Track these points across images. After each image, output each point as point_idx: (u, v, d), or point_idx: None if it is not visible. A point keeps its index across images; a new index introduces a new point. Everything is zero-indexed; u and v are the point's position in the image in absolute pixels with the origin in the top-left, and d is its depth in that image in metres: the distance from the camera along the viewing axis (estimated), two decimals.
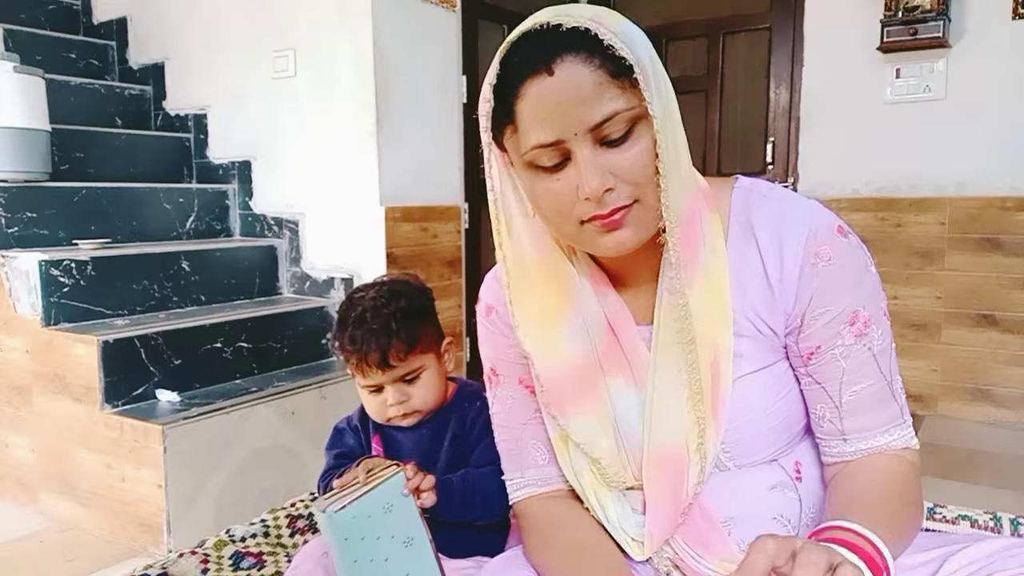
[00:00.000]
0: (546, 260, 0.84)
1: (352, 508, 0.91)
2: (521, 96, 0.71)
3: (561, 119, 0.70)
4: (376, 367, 1.03)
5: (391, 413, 1.07)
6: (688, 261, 0.78)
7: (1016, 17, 2.87)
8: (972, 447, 2.78)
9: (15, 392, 2.35)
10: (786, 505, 0.83)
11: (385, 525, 0.94)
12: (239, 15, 2.97)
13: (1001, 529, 1.18)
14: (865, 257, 0.81)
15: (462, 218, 3.13)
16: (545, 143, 0.71)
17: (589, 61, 0.69)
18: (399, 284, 1.12)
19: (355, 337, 1.04)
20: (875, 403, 0.80)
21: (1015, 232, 2.92)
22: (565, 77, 0.69)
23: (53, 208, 2.47)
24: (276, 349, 2.57)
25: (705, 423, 0.79)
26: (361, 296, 1.08)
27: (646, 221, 0.74)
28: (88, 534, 2.17)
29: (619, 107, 0.70)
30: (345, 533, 0.91)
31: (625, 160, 0.71)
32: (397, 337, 1.03)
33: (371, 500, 0.93)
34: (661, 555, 0.85)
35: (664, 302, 0.81)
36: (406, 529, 0.95)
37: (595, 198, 0.71)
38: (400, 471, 0.95)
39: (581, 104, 0.69)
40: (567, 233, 0.77)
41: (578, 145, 0.71)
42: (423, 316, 1.08)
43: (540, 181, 0.74)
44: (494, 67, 0.74)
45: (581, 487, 0.87)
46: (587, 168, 0.70)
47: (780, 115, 3.47)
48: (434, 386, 1.08)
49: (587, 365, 0.84)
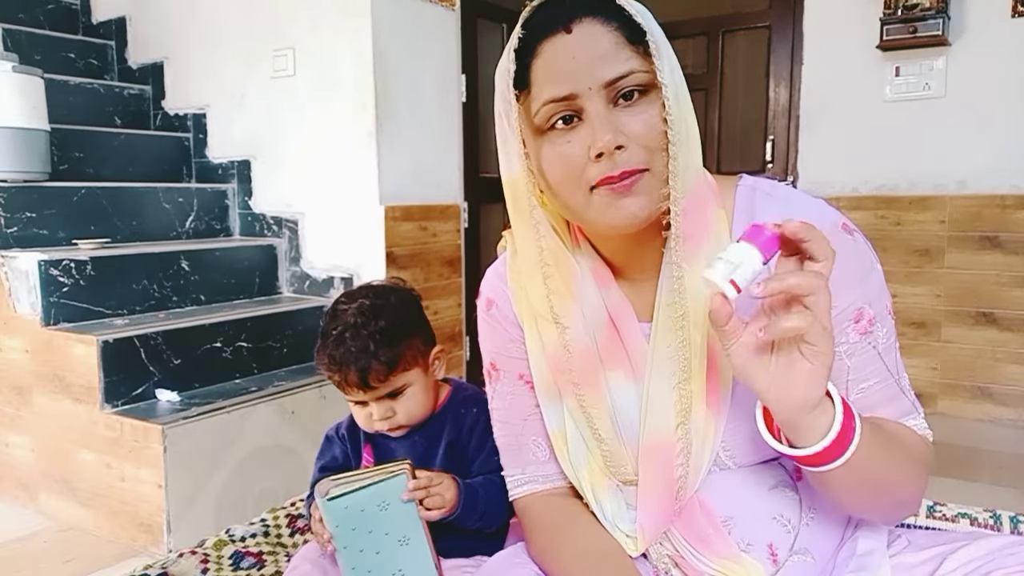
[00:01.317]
0: (551, 247, 0.83)
1: (346, 499, 0.95)
2: (538, 55, 0.73)
3: (576, 73, 0.71)
4: (357, 387, 1.02)
5: (377, 427, 1.06)
6: (689, 236, 0.77)
7: (1015, 15, 2.87)
8: (972, 445, 2.78)
9: (15, 392, 2.35)
10: (786, 505, 0.83)
11: (378, 521, 0.95)
12: (238, 14, 2.97)
13: (1001, 527, 1.18)
14: (870, 255, 0.81)
15: (461, 217, 3.12)
16: (558, 97, 0.72)
17: (607, 23, 0.71)
18: (383, 295, 1.08)
19: (335, 357, 1.02)
20: (883, 400, 0.79)
21: (1015, 230, 2.92)
22: (583, 35, 0.71)
23: (52, 208, 2.47)
24: (276, 349, 2.56)
25: (691, 401, 0.79)
26: (343, 309, 1.05)
27: (655, 191, 0.73)
28: (88, 534, 2.17)
29: (634, 67, 0.71)
30: (336, 521, 0.95)
31: (637, 122, 0.72)
32: (376, 359, 1.00)
33: (367, 495, 0.95)
34: (660, 553, 0.84)
35: (664, 287, 0.80)
36: (402, 528, 0.96)
37: (608, 153, 0.70)
38: (402, 474, 0.95)
39: (598, 59, 0.71)
40: (576, 203, 0.75)
41: (591, 101, 0.71)
42: (407, 331, 1.05)
43: (550, 145, 0.74)
44: (516, 32, 0.75)
45: (579, 482, 0.87)
46: (600, 123, 0.71)
47: (780, 113, 3.47)
48: (420, 400, 1.06)
49: (586, 358, 0.84)
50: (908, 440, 0.79)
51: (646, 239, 0.79)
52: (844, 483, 0.71)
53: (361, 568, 0.97)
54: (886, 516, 0.82)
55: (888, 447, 0.73)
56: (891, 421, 0.79)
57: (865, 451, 0.68)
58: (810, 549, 0.82)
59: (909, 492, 0.79)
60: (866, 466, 0.69)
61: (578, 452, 0.86)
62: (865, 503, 0.77)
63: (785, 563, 0.81)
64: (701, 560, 0.81)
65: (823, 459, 0.67)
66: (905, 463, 0.76)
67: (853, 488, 0.73)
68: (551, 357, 0.86)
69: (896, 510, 0.81)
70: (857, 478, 0.70)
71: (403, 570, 0.97)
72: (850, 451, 0.67)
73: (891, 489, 0.76)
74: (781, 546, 0.81)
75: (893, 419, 0.80)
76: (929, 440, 0.82)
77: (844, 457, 0.67)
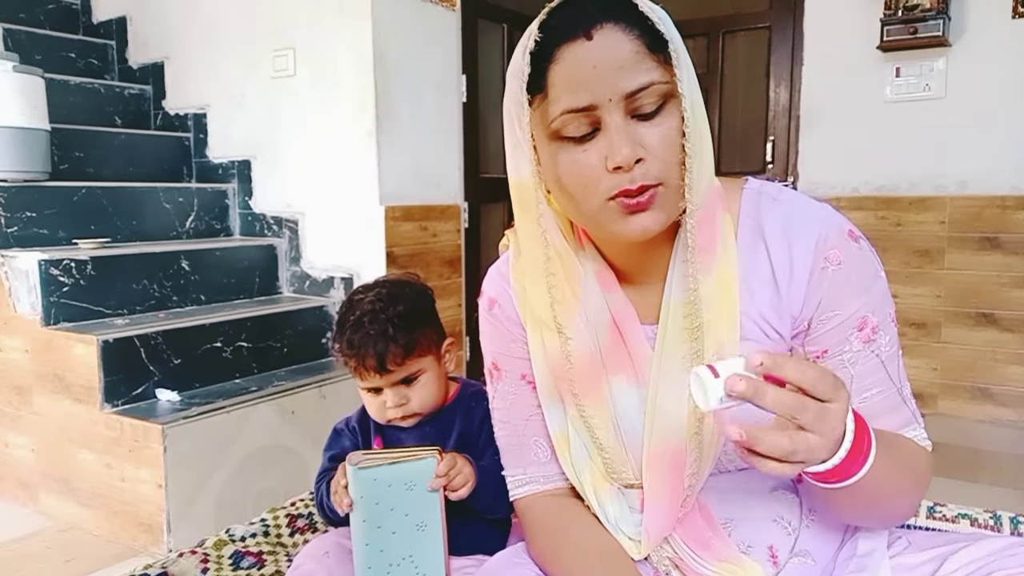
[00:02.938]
0: (556, 249, 0.83)
1: (376, 471, 0.97)
2: (556, 60, 0.71)
3: (597, 84, 0.69)
4: (374, 371, 1.04)
5: (391, 415, 1.07)
6: (704, 248, 0.76)
7: (1016, 16, 2.87)
8: (972, 445, 2.78)
9: (15, 392, 2.35)
10: (787, 507, 0.83)
11: (401, 500, 0.97)
12: (239, 14, 2.97)
13: (1001, 528, 1.18)
14: (875, 262, 0.79)
15: (462, 217, 3.12)
16: (576, 108, 0.70)
17: (628, 31, 0.69)
18: (399, 286, 1.11)
19: (352, 341, 1.04)
20: (885, 410, 0.79)
21: (1015, 231, 2.92)
22: (604, 43, 0.69)
23: (53, 208, 2.47)
24: (276, 348, 2.56)
25: (703, 413, 0.78)
26: (360, 299, 1.08)
27: (670, 205, 0.73)
28: (88, 534, 2.17)
29: (655, 78, 0.69)
30: (361, 491, 0.97)
31: (656, 135, 0.70)
32: (394, 342, 1.03)
33: (396, 471, 0.97)
34: (660, 555, 0.84)
35: (674, 293, 0.80)
36: (422, 513, 0.97)
37: (627, 167, 0.69)
38: (431, 458, 0.97)
39: (618, 70, 0.69)
40: (589, 211, 0.73)
41: (610, 113, 0.69)
42: (422, 319, 1.08)
43: (565, 153, 0.72)
44: (532, 33, 0.73)
45: (581, 485, 0.87)
46: (619, 136, 0.69)
47: (780, 114, 3.47)
48: (433, 388, 1.08)
49: (589, 362, 0.83)
50: (912, 453, 0.78)
51: (654, 245, 0.78)
52: (852, 498, 0.70)
53: (374, 545, 0.98)
54: (883, 525, 0.83)
55: (895, 462, 0.73)
56: (894, 433, 0.78)
57: (878, 467, 0.66)
58: (810, 551, 0.82)
59: (907, 505, 0.79)
60: (877, 482, 0.68)
61: (580, 455, 0.86)
62: (866, 515, 0.78)
63: (785, 565, 0.81)
64: (701, 563, 0.81)
65: (835, 476, 0.64)
66: (908, 477, 0.76)
67: (858, 502, 0.72)
68: (552, 364, 0.85)
69: (892, 521, 0.81)
70: (866, 493, 0.69)
71: (414, 556, 0.98)
72: (865, 468, 0.65)
73: (892, 503, 0.76)
74: (781, 548, 0.81)
75: (894, 429, 0.79)
76: (928, 451, 0.81)
77: (859, 474, 0.65)
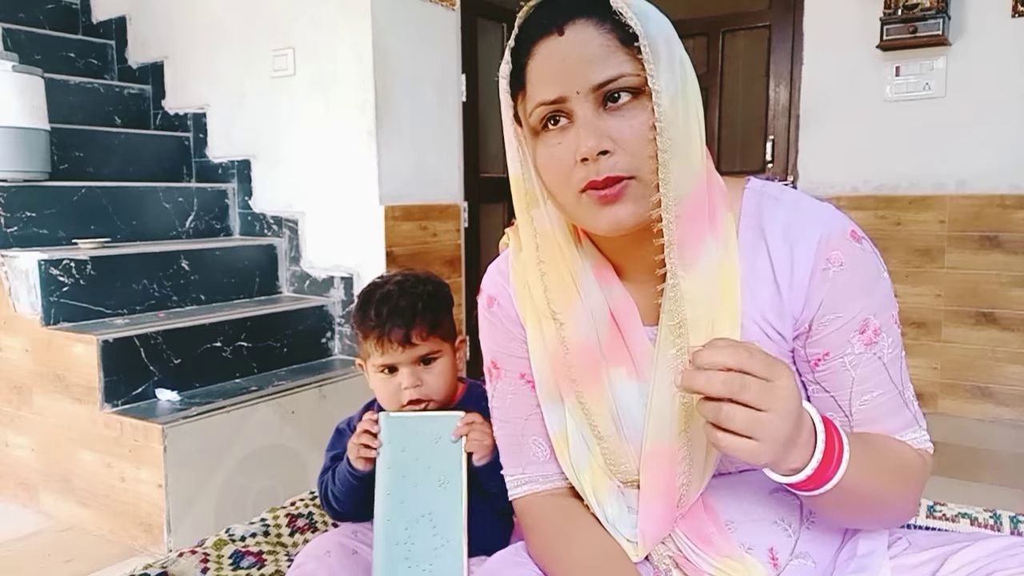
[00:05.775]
0: (558, 241, 0.84)
1: (405, 417, 1.03)
2: (532, 55, 0.74)
3: (565, 76, 0.71)
4: (398, 344, 1.06)
5: (404, 397, 1.08)
6: (685, 244, 0.76)
7: (1016, 15, 2.87)
8: (972, 445, 2.78)
9: (15, 392, 2.35)
10: (787, 509, 0.83)
11: (426, 452, 1.01)
12: (238, 14, 2.97)
13: (1001, 527, 1.18)
14: (878, 263, 0.79)
15: (462, 217, 3.12)
16: (547, 100, 0.72)
17: (599, 25, 0.71)
18: (423, 273, 1.17)
19: (381, 312, 1.07)
20: (886, 412, 0.79)
21: (1015, 230, 2.92)
22: (575, 38, 0.71)
23: (52, 207, 2.47)
24: (276, 348, 2.56)
25: (692, 408, 0.78)
26: (385, 280, 1.13)
27: (643, 199, 0.73)
28: (88, 534, 2.17)
29: (625, 71, 0.71)
30: (389, 437, 1.02)
31: (625, 127, 0.71)
32: (422, 317, 1.07)
33: (423, 422, 1.02)
34: (661, 554, 0.84)
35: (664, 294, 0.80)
36: (445, 469, 1.00)
37: (591, 158, 0.71)
38: (458, 413, 1.02)
39: (587, 63, 0.70)
40: (566, 203, 0.76)
41: (580, 105, 0.71)
42: (445, 306, 1.13)
43: (544, 146, 0.75)
44: (513, 32, 0.76)
45: (581, 485, 0.87)
46: (585, 128, 0.71)
47: (780, 113, 3.47)
48: (447, 376, 1.11)
49: (588, 352, 0.83)
50: (896, 454, 0.78)
51: (644, 242, 0.78)
52: (836, 502, 0.71)
53: (395, 495, 1.00)
54: (881, 527, 0.83)
55: (876, 464, 0.73)
56: (884, 437, 0.79)
57: (855, 470, 0.68)
58: (810, 552, 0.82)
59: (901, 506, 0.79)
60: (858, 485, 0.69)
61: (579, 453, 0.86)
62: (857, 518, 0.78)
63: (786, 566, 0.81)
64: (704, 559, 0.81)
65: (811, 483, 0.67)
66: (893, 478, 0.76)
67: (844, 506, 0.73)
68: (551, 355, 0.85)
69: (890, 522, 0.81)
70: (849, 498, 0.70)
71: (433, 514, 0.99)
72: (839, 473, 0.67)
73: (880, 505, 0.75)
74: (782, 550, 0.81)
75: (895, 432, 0.79)
76: (929, 453, 0.81)
77: (835, 479, 0.67)
